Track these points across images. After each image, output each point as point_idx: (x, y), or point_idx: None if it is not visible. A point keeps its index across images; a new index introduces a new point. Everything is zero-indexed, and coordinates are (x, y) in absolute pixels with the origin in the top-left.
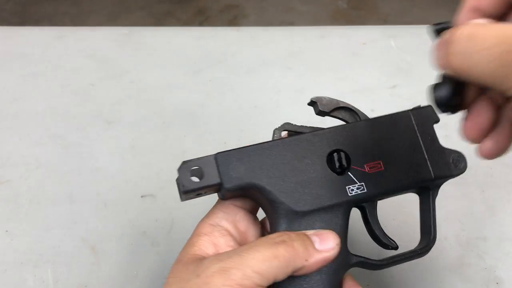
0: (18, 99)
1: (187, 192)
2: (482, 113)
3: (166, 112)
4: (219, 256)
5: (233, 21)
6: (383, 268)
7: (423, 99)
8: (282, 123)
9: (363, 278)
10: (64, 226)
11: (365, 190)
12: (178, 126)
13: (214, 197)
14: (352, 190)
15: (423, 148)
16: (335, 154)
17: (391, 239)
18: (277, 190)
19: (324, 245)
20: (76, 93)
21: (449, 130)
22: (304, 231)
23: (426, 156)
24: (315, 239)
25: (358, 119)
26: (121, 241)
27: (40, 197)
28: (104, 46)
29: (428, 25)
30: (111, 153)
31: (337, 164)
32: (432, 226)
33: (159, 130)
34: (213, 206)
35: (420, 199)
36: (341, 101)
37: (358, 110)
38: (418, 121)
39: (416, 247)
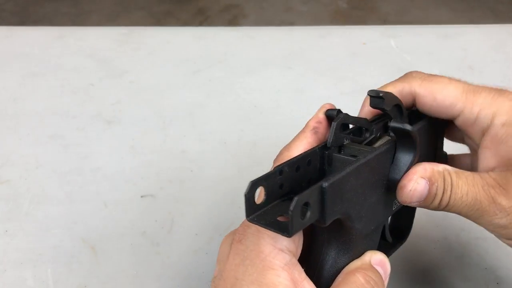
0: (18, 99)
1: (293, 234)
2: None
3: (166, 112)
4: None
5: (233, 21)
6: None
7: None
8: (281, 122)
9: None
10: (64, 226)
11: (401, 204)
12: (178, 126)
13: (214, 195)
14: (395, 204)
15: (436, 154)
16: None
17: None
18: (358, 216)
19: (385, 274)
20: (76, 93)
21: None
22: (369, 262)
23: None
24: (381, 271)
25: (400, 115)
26: (121, 241)
27: (40, 197)
28: (104, 46)
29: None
30: (111, 153)
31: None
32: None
33: (159, 130)
34: None
35: None
36: (396, 97)
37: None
38: (439, 125)
39: (393, 240)
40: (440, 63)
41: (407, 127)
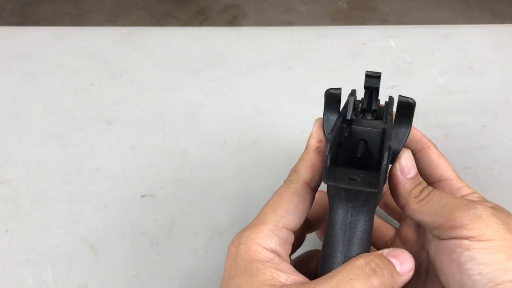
0: (18, 99)
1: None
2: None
3: (166, 112)
4: None
5: (233, 21)
6: None
7: (423, 99)
8: (281, 122)
9: None
10: (64, 226)
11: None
12: (178, 126)
13: (214, 195)
14: None
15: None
16: None
17: None
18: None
19: (403, 268)
20: (76, 93)
21: (449, 130)
22: (381, 252)
23: None
24: (395, 262)
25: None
26: (121, 241)
27: (40, 197)
28: (104, 46)
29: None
30: (111, 153)
31: None
32: None
33: (159, 130)
34: (261, 224)
35: None
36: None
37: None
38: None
39: None
40: (440, 63)
41: (410, 100)
